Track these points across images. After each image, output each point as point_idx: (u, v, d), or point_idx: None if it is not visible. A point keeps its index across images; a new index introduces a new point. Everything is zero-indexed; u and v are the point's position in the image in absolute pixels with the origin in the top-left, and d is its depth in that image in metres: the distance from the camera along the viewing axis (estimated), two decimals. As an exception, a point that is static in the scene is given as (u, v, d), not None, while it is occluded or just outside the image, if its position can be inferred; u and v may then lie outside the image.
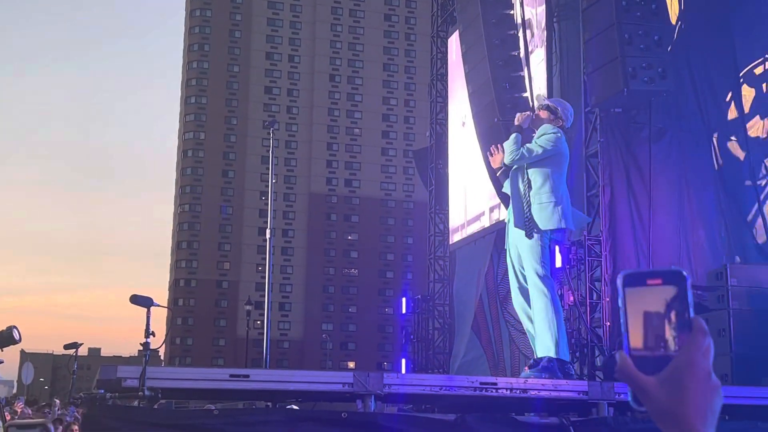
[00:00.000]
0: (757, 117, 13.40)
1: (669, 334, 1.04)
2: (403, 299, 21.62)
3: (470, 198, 19.24)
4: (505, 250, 6.02)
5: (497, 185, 14.24)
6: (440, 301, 20.81)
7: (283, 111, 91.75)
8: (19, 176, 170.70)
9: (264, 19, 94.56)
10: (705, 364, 1.03)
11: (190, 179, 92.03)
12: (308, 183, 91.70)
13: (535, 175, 5.94)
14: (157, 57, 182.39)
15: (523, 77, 13.13)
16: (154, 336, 3.86)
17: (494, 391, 4.31)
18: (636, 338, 1.04)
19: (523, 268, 5.89)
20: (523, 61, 13.35)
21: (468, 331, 19.10)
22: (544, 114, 6.21)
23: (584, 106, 13.64)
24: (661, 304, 1.04)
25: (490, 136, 13.77)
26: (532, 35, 15.71)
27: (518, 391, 4.36)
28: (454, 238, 20.35)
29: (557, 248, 13.71)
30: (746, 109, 13.44)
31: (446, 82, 21.10)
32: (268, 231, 6.01)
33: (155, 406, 4.35)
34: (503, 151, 6.23)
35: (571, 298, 13.40)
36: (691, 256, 12.85)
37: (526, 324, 5.83)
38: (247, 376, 4.18)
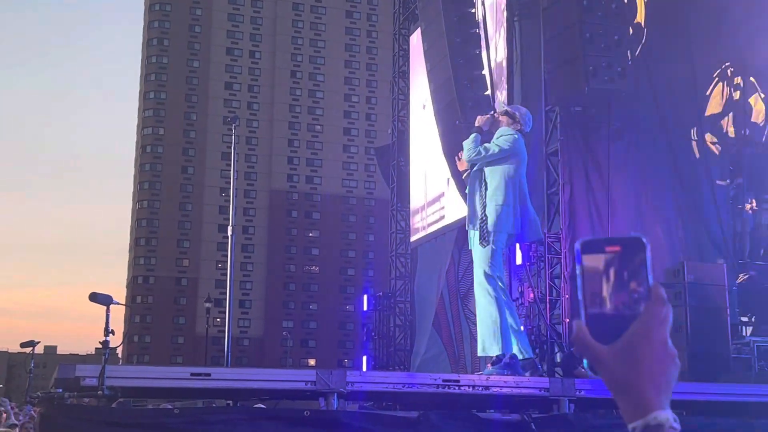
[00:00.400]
0: (728, 117, 13.68)
1: (626, 298, 1.02)
2: (365, 296, 21.62)
3: (431, 195, 19.28)
4: (470, 250, 6.07)
5: (462, 188, 14.31)
6: (401, 298, 20.84)
7: (243, 107, 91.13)
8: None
9: (224, 14, 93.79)
10: (662, 333, 1.02)
11: (149, 175, 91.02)
12: (269, 180, 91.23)
13: (492, 176, 6.01)
14: (115, 52, 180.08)
15: (485, 76, 13.18)
16: (113, 334, 3.80)
17: (457, 388, 4.32)
18: (593, 302, 1.03)
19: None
20: (485, 60, 13.41)
21: (429, 328, 19.16)
22: (503, 119, 6.36)
23: (544, 105, 13.74)
24: (620, 269, 1.03)
25: (451, 134, 13.82)
26: (494, 34, 15.79)
27: (480, 388, 4.38)
28: (416, 235, 20.39)
29: (518, 246, 13.83)
30: (708, 111, 13.69)
31: (408, 79, 21.12)
32: (230, 228, 5.96)
33: (113, 405, 4.29)
34: None
35: (531, 295, 13.52)
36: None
37: (489, 321, 5.86)
38: (209, 374, 4.14)
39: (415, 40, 19.52)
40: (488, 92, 13.24)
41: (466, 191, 6.27)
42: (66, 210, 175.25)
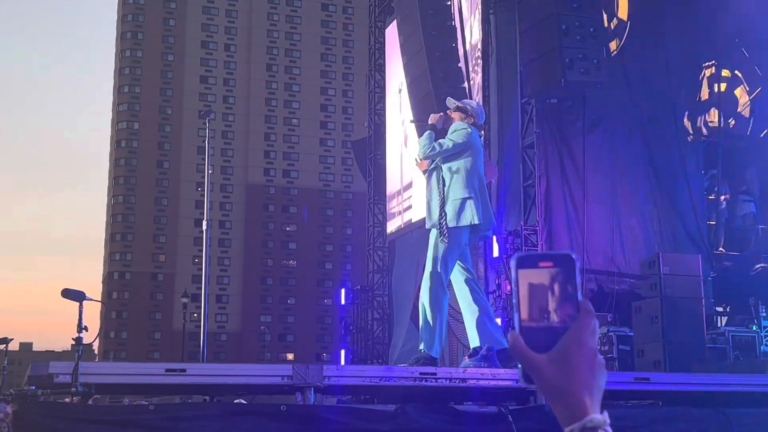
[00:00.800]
0: (713, 109, 13.81)
1: (556, 309, 1.09)
2: (342, 290, 21.60)
3: (406, 180, 19.28)
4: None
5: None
6: (379, 291, 20.84)
7: (219, 101, 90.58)
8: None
9: (199, 7, 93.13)
10: (592, 343, 1.09)
11: (124, 170, 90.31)
12: (245, 174, 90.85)
13: (449, 172, 6.02)
14: (89, 44, 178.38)
15: (461, 68, 13.18)
16: (86, 331, 3.76)
17: (434, 381, 4.32)
18: (526, 313, 1.10)
19: (463, 262, 5.96)
20: (461, 53, 13.41)
21: (407, 321, 19.17)
22: (456, 115, 6.38)
23: (520, 97, 13.77)
24: (551, 284, 1.10)
25: (426, 128, 13.81)
26: (469, 17, 15.78)
27: (458, 381, 4.38)
28: (392, 221, 20.37)
29: (494, 238, 13.88)
30: (688, 102, 13.80)
31: (384, 72, 21.08)
32: (204, 222, 5.92)
33: (90, 402, 4.24)
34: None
35: (509, 287, 13.56)
36: (625, 244, 13.11)
37: (465, 314, 5.88)
38: (184, 370, 4.10)
39: (391, 32, 19.49)
40: (464, 85, 13.23)
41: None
42: (41, 205, 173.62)
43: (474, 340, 5.49)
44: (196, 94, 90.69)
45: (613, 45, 13.11)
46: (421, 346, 5.33)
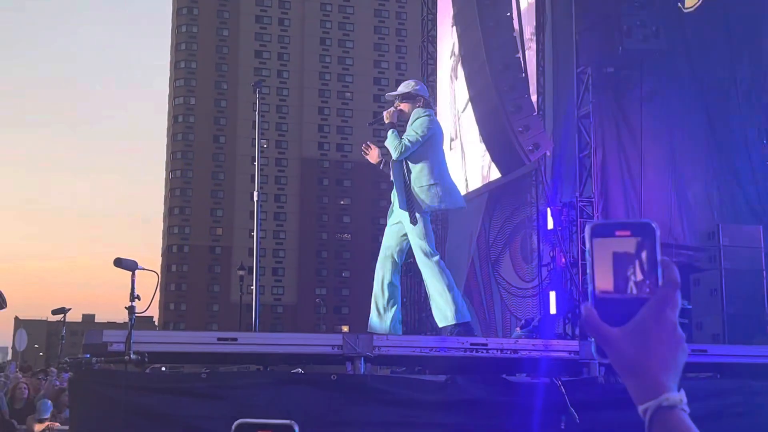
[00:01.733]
0: None
1: (634, 280, 1.04)
2: (396, 263, 21.62)
3: (459, 160, 19.15)
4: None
5: (494, 151, 14.18)
6: (433, 264, 20.82)
7: (273, 75, 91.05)
8: (10, 143, 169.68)
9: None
10: (672, 317, 1.04)
11: (181, 145, 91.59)
12: (300, 148, 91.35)
13: (413, 160, 6.08)
14: (146, 22, 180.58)
15: (515, 38, 12.98)
16: (139, 299, 3.81)
17: (485, 351, 4.29)
18: (602, 283, 1.04)
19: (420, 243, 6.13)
20: (515, 22, 13.21)
21: (460, 293, 19.13)
22: (405, 106, 6.34)
23: (576, 66, 13.52)
24: (629, 253, 1.05)
25: (481, 98, 13.68)
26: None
27: (509, 352, 4.34)
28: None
29: (549, 210, 13.72)
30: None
31: (436, 44, 20.90)
32: (255, 193, 5.99)
33: (146, 371, 4.33)
34: (376, 147, 6.44)
35: (563, 260, 13.42)
36: (683, 216, 12.84)
37: (433, 293, 6.03)
38: (235, 339, 4.14)
39: (444, 3, 19.28)
40: (518, 55, 13.04)
41: (391, 178, 6.34)
42: (104, 180, 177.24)
43: (447, 318, 5.54)
44: (250, 68, 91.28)
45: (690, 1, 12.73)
46: (448, 321, 5.45)
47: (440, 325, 5.67)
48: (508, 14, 13.15)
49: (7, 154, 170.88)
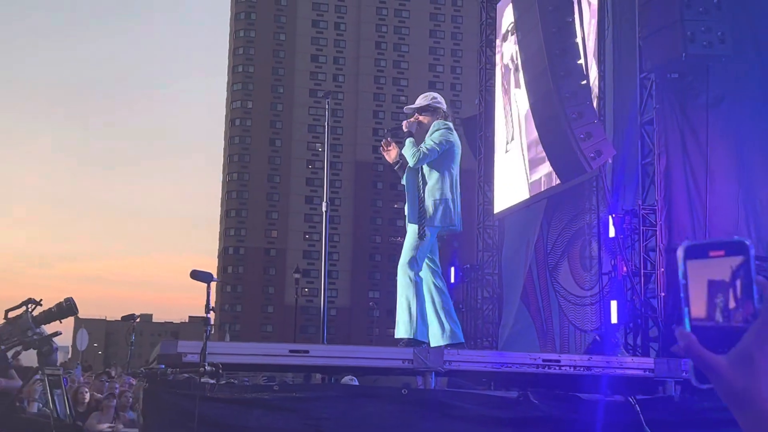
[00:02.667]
0: None
1: (734, 306, 1.00)
2: (452, 269, 21.50)
3: (518, 166, 19.01)
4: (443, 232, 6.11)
5: (555, 159, 14.02)
6: (489, 270, 20.65)
7: (329, 79, 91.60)
8: (70, 144, 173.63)
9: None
10: None
11: (238, 148, 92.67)
12: (354, 151, 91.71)
13: (430, 172, 6.03)
14: (203, 27, 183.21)
15: (577, 44, 12.84)
16: (214, 312, 3.84)
17: (557, 368, 4.23)
18: (699, 310, 1.00)
19: (432, 256, 6.01)
20: (578, 27, 13.06)
21: (517, 301, 18.96)
22: (424, 118, 6.26)
23: (639, 72, 13.32)
24: (725, 275, 1.00)
25: (542, 104, 13.55)
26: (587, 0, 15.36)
27: (582, 369, 4.27)
28: (502, 205, 20.15)
29: (610, 218, 13.53)
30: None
31: (495, 48, 20.79)
32: (324, 204, 6.05)
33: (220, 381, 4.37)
34: (396, 147, 6.33)
35: (624, 269, 13.19)
36: (751, 224, 12.55)
37: (429, 309, 5.91)
38: (307, 351, 4.16)
39: (503, 8, 19.16)
40: (580, 61, 12.88)
41: (402, 182, 6.24)
42: (158, 182, 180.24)
43: (435, 338, 5.40)
44: (306, 73, 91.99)
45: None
46: (405, 334, 5.33)
47: (396, 335, 5.55)
48: (570, 20, 13.01)
49: (66, 152, 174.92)
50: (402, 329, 5.44)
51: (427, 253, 5.98)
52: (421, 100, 6.44)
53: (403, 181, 6.23)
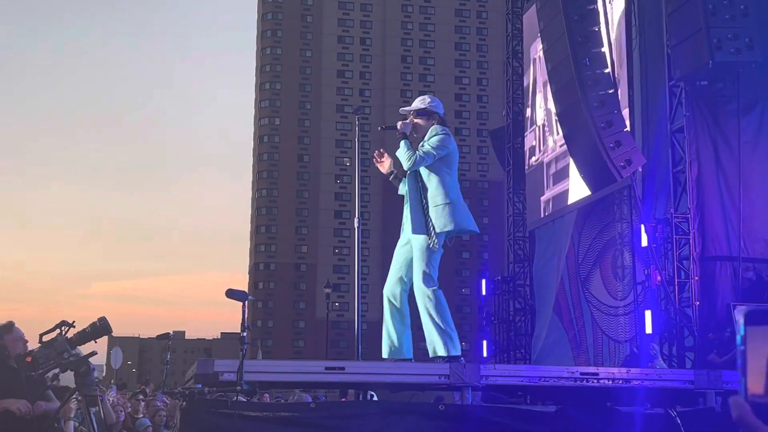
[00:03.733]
0: None
1: None
2: (483, 281, 21.44)
3: (549, 175, 18.92)
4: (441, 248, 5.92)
5: (585, 168, 13.96)
6: (520, 281, 20.58)
7: (355, 94, 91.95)
8: (97, 162, 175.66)
9: (335, 2, 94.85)
10: None
11: (267, 164, 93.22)
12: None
13: (429, 178, 5.89)
14: (231, 43, 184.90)
15: (604, 53, 12.79)
16: (249, 330, 3.86)
17: (595, 381, 4.19)
18: (757, 384, 0.95)
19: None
20: (604, 36, 13.02)
21: (550, 312, 18.85)
22: (421, 121, 6.11)
23: (668, 80, 13.24)
24: None
25: (570, 114, 13.50)
26: (611, 9, 15.31)
27: (621, 381, 4.23)
28: (532, 216, 20.06)
29: (642, 227, 13.41)
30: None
31: (522, 59, 20.77)
32: (356, 220, 5.99)
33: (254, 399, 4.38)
34: (389, 157, 6.21)
35: (658, 278, 13.07)
36: (786, 231, 12.39)
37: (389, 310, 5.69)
38: (343, 368, 4.16)
39: (529, 18, 19.16)
40: (608, 70, 12.83)
41: (399, 192, 6.13)
42: (185, 200, 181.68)
43: (435, 350, 5.26)
44: (333, 88, 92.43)
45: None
46: (443, 352, 5.16)
47: (430, 354, 5.33)
48: (596, 29, 12.97)
49: (94, 170, 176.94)
50: (437, 347, 5.31)
51: (438, 263, 5.83)
52: (418, 103, 6.28)
53: (402, 191, 6.16)
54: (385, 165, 6.28)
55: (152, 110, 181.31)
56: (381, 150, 6.38)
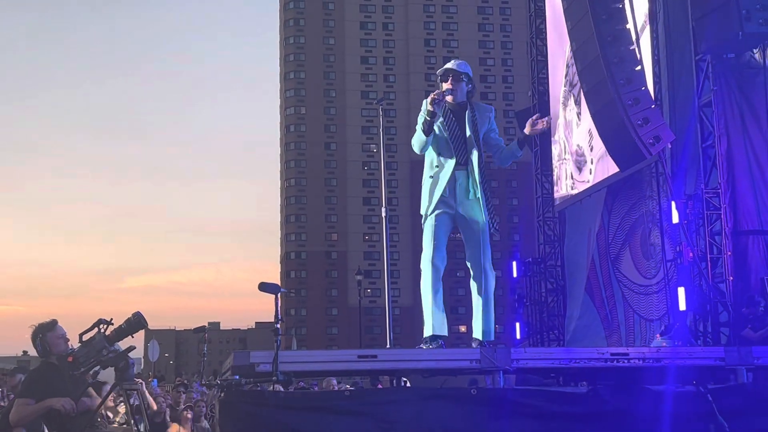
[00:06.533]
0: None
1: None
2: (514, 263, 21.42)
3: (576, 156, 18.83)
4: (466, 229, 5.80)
5: (615, 151, 13.85)
6: (551, 262, 20.53)
7: (380, 80, 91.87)
8: (126, 157, 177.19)
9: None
10: None
11: (294, 154, 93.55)
12: (409, 150, 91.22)
13: (480, 161, 6.06)
14: (254, 34, 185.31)
15: (628, 30, 12.69)
16: (283, 322, 3.95)
17: (626, 361, 4.23)
18: None
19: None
20: (628, 12, 12.91)
21: (581, 292, 18.81)
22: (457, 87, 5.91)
23: (694, 54, 13.12)
24: None
25: (597, 92, 13.42)
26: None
27: (651, 361, 4.27)
28: (561, 196, 19.99)
29: (673, 204, 13.33)
30: None
31: (545, 39, 20.64)
32: (383, 210, 6.02)
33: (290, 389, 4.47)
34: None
35: (691, 254, 13.00)
36: (819, 203, 12.27)
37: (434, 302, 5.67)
38: (375, 356, 4.25)
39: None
40: (633, 47, 12.73)
41: (424, 138, 6.00)
42: (218, 192, 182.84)
43: (484, 333, 5.19)
44: (357, 75, 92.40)
45: None
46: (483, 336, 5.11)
47: (478, 337, 5.20)
48: (620, 5, 12.86)
49: (131, 164, 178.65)
50: (480, 331, 5.27)
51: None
52: (466, 67, 5.95)
53: (473, 161, 5.79)
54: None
55: (176, 103, 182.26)
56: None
